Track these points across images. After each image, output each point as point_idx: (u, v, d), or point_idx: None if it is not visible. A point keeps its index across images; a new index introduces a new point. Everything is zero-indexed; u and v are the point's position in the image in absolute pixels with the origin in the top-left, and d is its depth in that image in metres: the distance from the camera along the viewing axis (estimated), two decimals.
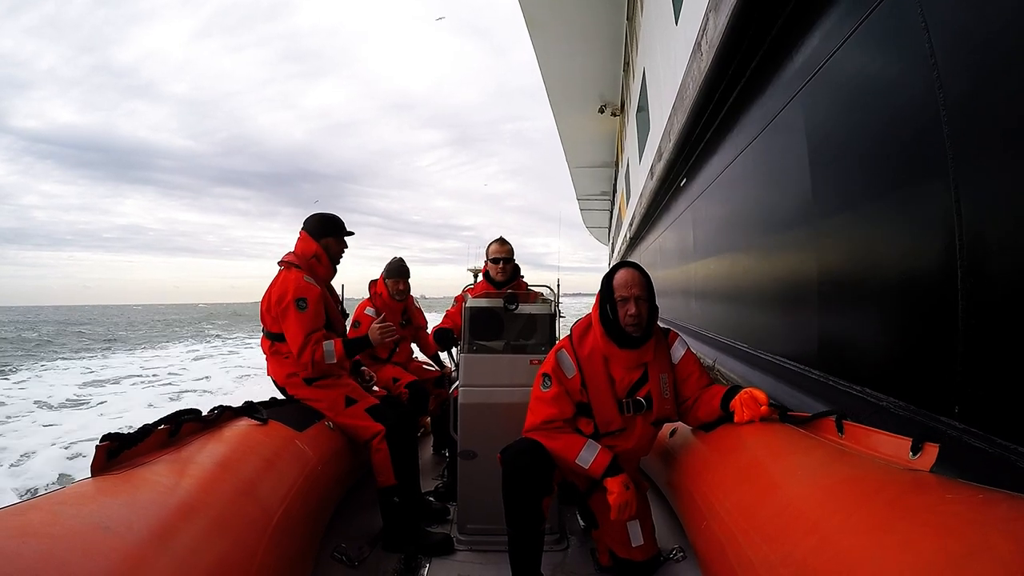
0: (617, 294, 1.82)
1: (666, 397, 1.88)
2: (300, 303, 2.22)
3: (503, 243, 3.03)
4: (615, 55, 10.09)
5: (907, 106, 1.58)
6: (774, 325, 3.00)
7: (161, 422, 1.56)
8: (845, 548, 0.92)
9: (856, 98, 1.90)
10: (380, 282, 3.40)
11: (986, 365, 1.34)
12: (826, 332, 2.31)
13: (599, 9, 8.58)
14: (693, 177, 4.64)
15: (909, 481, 1.02)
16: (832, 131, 2.11)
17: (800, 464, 1.32)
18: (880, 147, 1.77)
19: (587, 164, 17.67)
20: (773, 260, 2.94)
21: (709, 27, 2.83)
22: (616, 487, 1.74)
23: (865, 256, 1.95)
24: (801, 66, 2.27)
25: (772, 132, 2.65)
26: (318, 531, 1.86)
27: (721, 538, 1.35)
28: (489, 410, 2.30)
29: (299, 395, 2.33)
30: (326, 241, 2.40)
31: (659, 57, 5.37)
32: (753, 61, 2.69)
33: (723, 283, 4.06)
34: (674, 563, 2.03)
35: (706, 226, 4.54)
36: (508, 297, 2.45)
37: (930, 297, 1.54)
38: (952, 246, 1.39)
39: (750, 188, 3.22)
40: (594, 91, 11.86)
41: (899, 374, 1.75)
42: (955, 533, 0.81)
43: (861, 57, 1.82)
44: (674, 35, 4.38)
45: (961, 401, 1.42)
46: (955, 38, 1.36)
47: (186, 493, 1.27)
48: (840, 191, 2.09)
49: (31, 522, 0.98)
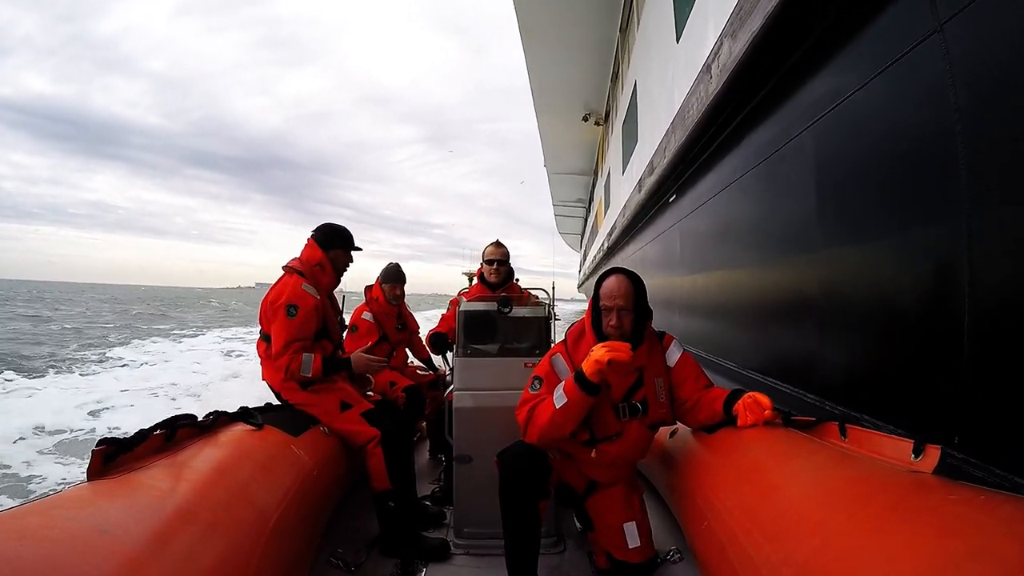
0: (601, 302, 1.83)
1: (661, 401, 1.89)
2: (290, 309, 2.22)
3: (498, 245, 3.07)
4: (604, 65, 10.16)
5: (923, 149, 1.60)
6: (768, 346, 3.01)
7: (157, 427, 1.54)
8: (847, 549, 0.93)
9: (870, 136, 1.92)
10: (376, 286, 3.42)
11: (988, 395, 1.36)
12: (824, 356, 2.32)
13: (593, 19, 8.62)
14: (684, 193, 4.69)
15: (911, 482, 1.03)
16: (842, 164, 2.12)
17: (802, 466, 1.33)
18: (892, 182, 1.78)
19: (566, 171, 17.78)
20: (770, 281, 2.94)
21: (723, 51, 2.84)
22: (595, 353, 1.68)
23: (866, 284, 1.98)
24: (818, 99, 2.25)
25: (778, 160, 2.66)
26: (315, 536, 1.85)
27: (722, 538, 1.35)
28: (484, 414, 2.29)
29: (294, 400, 2.31)
30: (335, 253, 2.42)
31: (655, 73, 5.39)
32: (764, 89, 2.69)
33: (711, 299, 4.08)
34: (671, 564, 2.04)
35: (695, 242, 4.58)
36: (502, 300, 2.45)
37: (935, 325, 1.58)
38: (960, 281, 1.43)
39: (749, 210, 3.24)
40: (580, 99, 11.93)
41: (898, 401, 1.77)
42: (957, 534, 0.82)
43: (880, 100, 1.83)
44: (674, 53, 4.40)
45: (961, 431, 1.44)
46: (981, 99, 1.38)
47: (182, 497, 1.26)
48: (848, 222, 2.11)
49: (28, 526, 0.98)
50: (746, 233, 3.32)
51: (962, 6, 1.38)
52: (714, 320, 4.03)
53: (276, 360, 2.22)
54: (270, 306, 2.27)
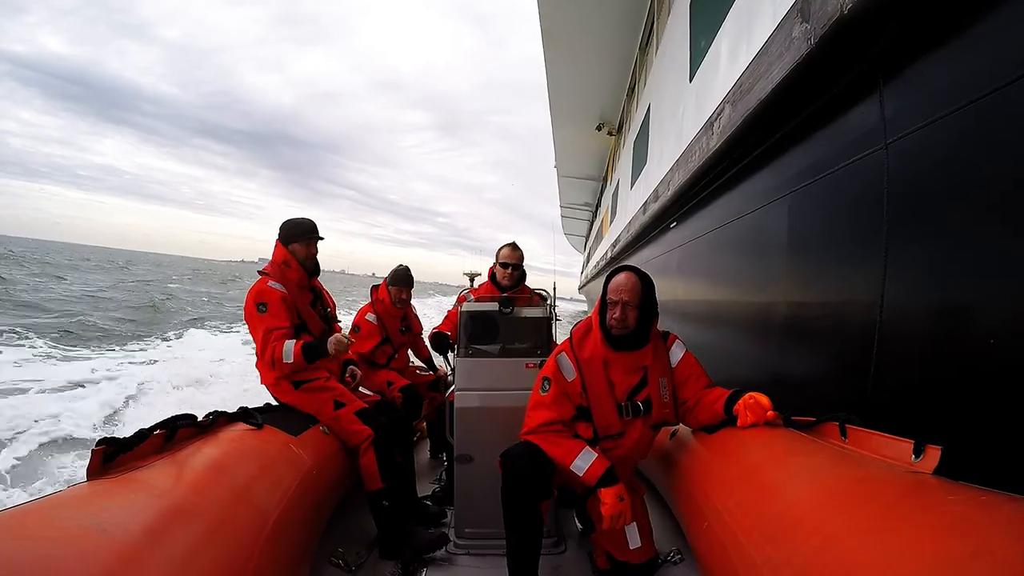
0: (608, 296, 1.85)
1: (665, 401, 1.89)
2: (260, 307, 2.28)
3: (515, 248, 2.99)
4: (622, 77, 10.14)
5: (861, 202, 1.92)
6: (733, 362, 3.25)
7: (157, 427, 1.55)
8: (848, 549, 0.93)
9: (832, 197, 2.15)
10: (383, 288, 3.41)
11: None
12: (783, 372, 2.56)
13: (615, 31, 8.60)
14: (684, 221, 4.88)
15: (912, 483, 1.03)
16: (811, 237, 2.37)
17: (803, 466, 1.32)
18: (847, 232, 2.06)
19: (576, 175, 17.81)
20: (745, 319, 3.19)
21: (724, 115, 3.00)
22: (610, 498, 1.73)
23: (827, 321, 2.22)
24: (792, 169, 2.50)
25: (764, 213, 2.87)
26: (314, 536, 1.85)
27: (723, 539, 1.35)
28: (485, 414, 2.29)
29: (287, 400, 2.33)
30: (292, 247, 2.43)
31: (667, 102, 5.47)
32: (755, 152, 2.88)
33: (694, 330, 4.23)
34: (672, 565, 2.03)
35: (688, 267, 4.82)
36: (503, 301, 2.45)
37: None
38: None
39: (729, 253, 3.55)
40: (595, 108, 11.91)
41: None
42: (957, 534, 0.81)
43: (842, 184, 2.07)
44: (687, 91, 4.43)
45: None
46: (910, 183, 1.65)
47: (182, 497, 1.26)
48: (813, 269, 2.35)
49: (27, 525, 0.98)
50: (725, 273, 3.64)
51: (905, 132, 1.65)
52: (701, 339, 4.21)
53: (262, 357, 2.26)
54: (247, 313, 2.33)
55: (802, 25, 1.94)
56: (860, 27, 1.64)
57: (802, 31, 1.94)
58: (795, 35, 2.01)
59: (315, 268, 2.50)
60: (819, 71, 1.96)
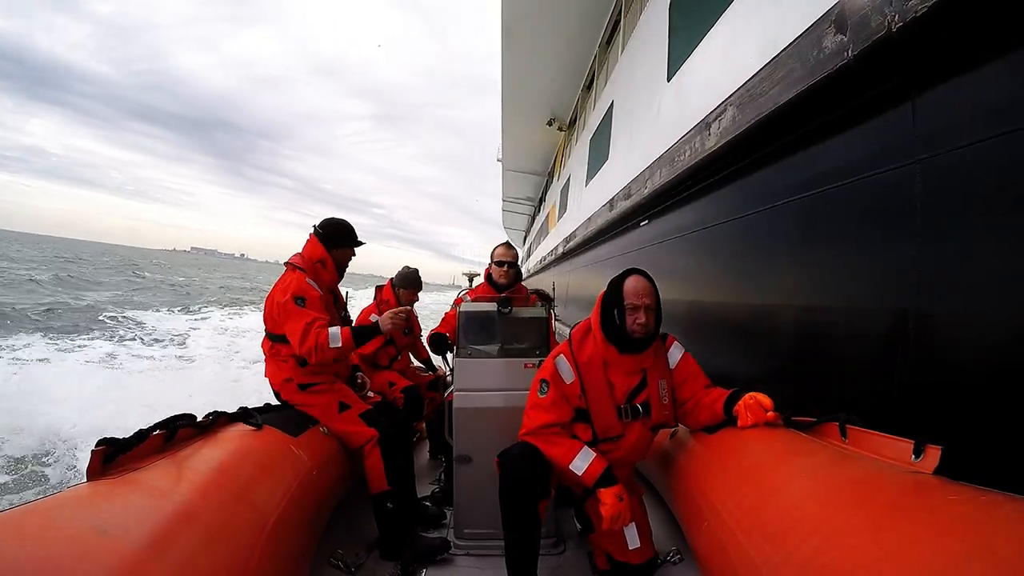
0: (627, 301, 1.83)
1: (664, 403, 1.89)
2: (298, 300, 2.24)
3: (509, 247, 3.05)
4: (578, 74, 10.17)
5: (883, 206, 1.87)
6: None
7: (156, 427, 1.55)
8: (848, 549, 0.93)
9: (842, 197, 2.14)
10: (388, 289, 3.40)
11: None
12: (742, 368, 2.58)
13: (575, 30, 8.65)
14: (656, 219, 4.82)
15: (912, 483, 1.03)
16: (807, 245, 2.37)
17: (803, 466, 1.33)
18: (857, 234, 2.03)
19: (521, 169, 17.83)
20: (733, 316, 3.15)
21: (726, 116, 3.00)
22: (609, 498, 1.74)
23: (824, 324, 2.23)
24: (806, 173, 2.45)
25: (770, 213, 2.83)
26: (314, 537, 1.85)
27: (723, 539, 1.35)
28: (484, 414, 2.29)
29: (293, 400, 2.31)
30: (339, 252, 2.44)
31: (638, 100, 5.45)
32: (759, 152, 2.84)
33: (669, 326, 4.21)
34: (671, 565, 2.04)
35: (659, 267, 4.74)
36: (502, 301, 2.45)
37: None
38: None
39: (721, 251, 3.48)
40: (547, 104, 11.95)
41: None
42: (958, 534, 0.82)
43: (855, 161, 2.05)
44: (663, 91, 4.44)
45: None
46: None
47: (182, 498, 1.26)
48: (814, 273, 2.34)
49: (27, 526, 0.98)
50: (712, 271, 3.59)
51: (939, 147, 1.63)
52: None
53: (303, 344, 2.18)
54: (277, 305, 2.26)
55: (836, 36, 1.95)
56: (904, 45, 1.66)
57: (836, 42, 1.94)
58: (826, 45, 2.01)
59: (343, 272, 2.51)
60: (854, 81, 1.95)
